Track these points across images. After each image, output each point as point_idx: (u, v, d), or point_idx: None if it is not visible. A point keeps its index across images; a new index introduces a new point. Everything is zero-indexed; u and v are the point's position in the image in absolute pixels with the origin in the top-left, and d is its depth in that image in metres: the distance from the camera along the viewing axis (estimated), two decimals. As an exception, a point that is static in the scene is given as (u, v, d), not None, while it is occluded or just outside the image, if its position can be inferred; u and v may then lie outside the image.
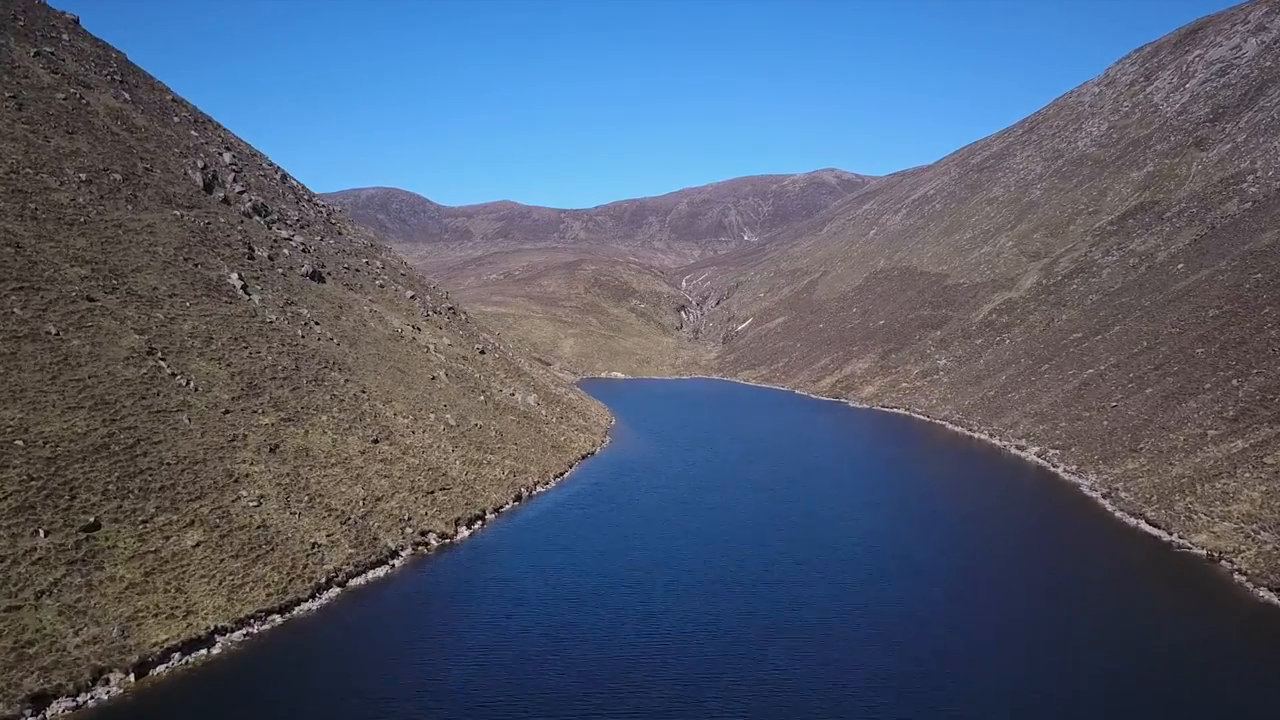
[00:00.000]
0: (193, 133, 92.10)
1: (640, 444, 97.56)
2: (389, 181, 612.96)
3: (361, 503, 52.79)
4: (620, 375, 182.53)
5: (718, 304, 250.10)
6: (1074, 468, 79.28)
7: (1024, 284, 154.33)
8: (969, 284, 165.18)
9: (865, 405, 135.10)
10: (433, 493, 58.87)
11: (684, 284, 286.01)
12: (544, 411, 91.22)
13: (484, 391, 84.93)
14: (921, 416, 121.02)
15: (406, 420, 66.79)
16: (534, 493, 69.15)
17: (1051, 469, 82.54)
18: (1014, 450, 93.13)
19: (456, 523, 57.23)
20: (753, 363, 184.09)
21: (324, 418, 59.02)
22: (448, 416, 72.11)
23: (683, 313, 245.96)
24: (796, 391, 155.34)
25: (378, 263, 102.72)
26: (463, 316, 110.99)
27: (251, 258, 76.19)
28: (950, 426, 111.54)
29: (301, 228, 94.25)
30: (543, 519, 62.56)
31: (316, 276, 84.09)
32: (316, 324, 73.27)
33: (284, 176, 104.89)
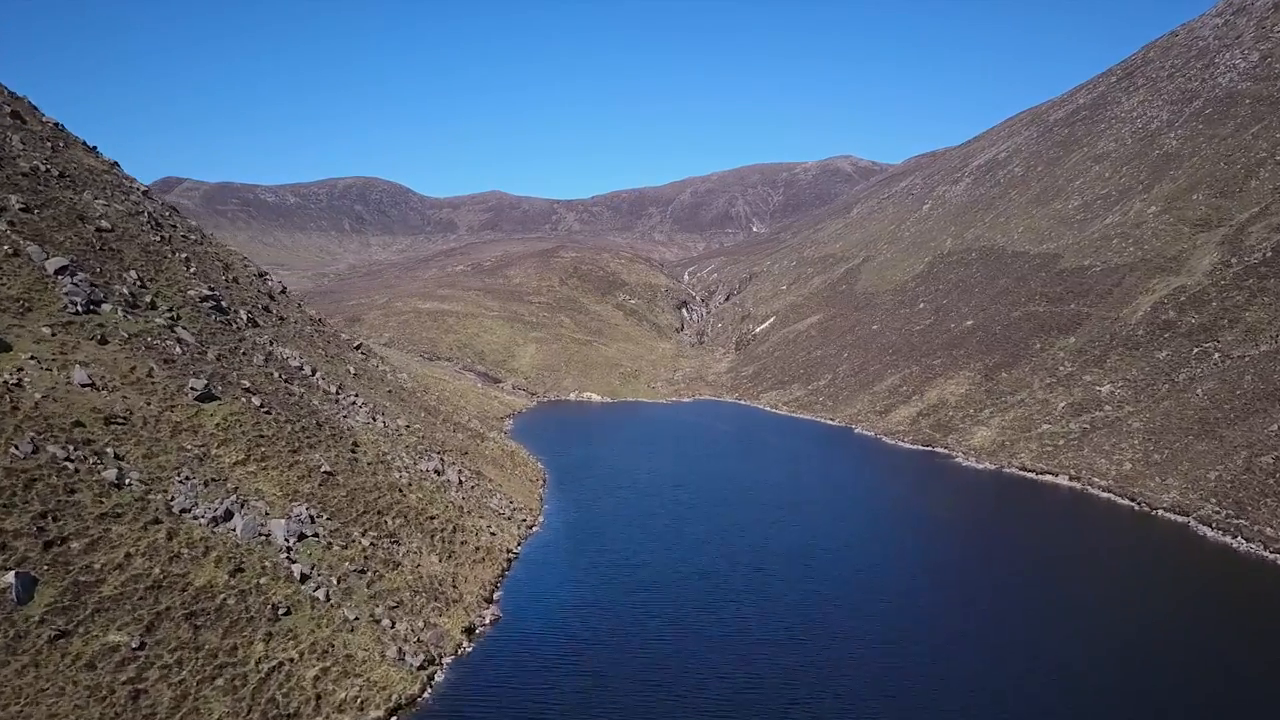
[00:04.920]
0: None
1: (566, 627, 39.70)
2: (373, 172, 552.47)
3: None
4: (596, 397, 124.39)
5: (727, 300, 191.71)
6: None
7: (1198, 264, 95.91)
8: (1101, 267, 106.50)
9: (987, 464, 76.49)
10: None
11: (686, 277, 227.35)
12: (302, 567, 32.90)
13: (58, 542, 26.66)
14: (1114, 497, 62.71)
15: None
16: None
17: None
18: None
19: None
20: (780, 379, 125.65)
21: None
22: None
23: (684, 310, 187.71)
24: (856, 429, 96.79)
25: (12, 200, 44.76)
26: (210, 317, 52.95)
27: None
28: (1212, 535, 53.14)
29: None
30: None
31: None
32: None
33: None
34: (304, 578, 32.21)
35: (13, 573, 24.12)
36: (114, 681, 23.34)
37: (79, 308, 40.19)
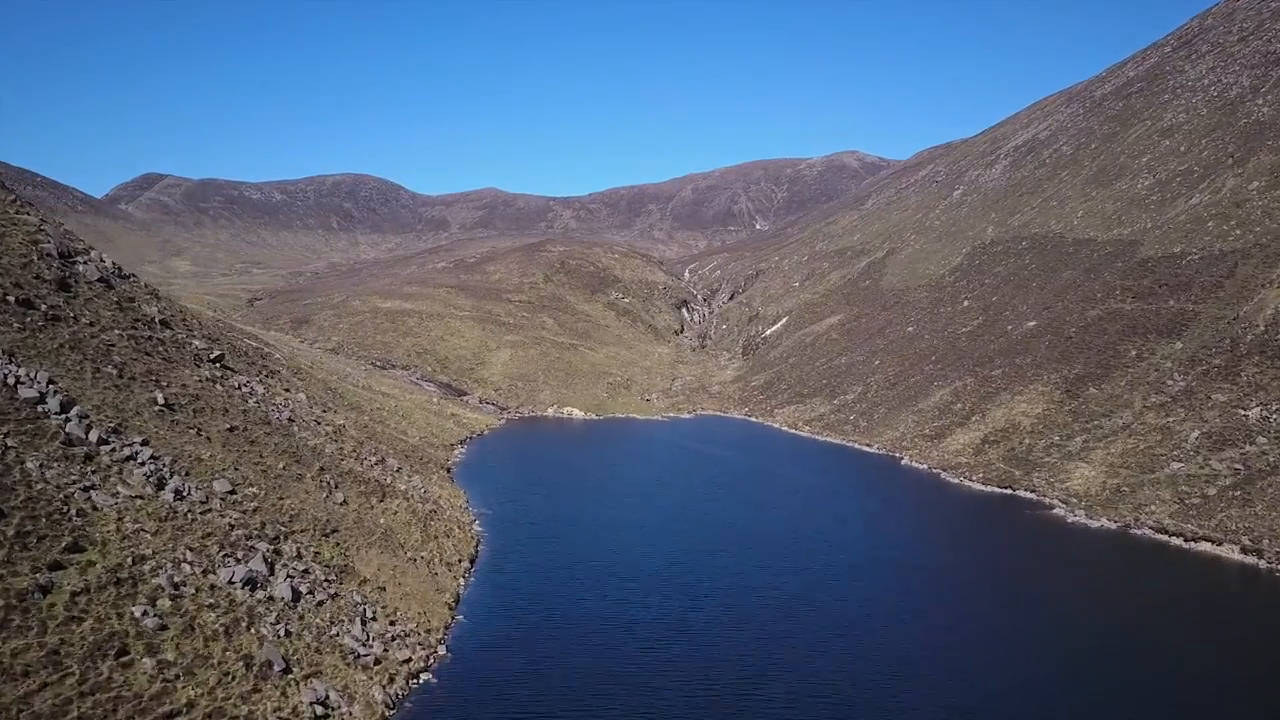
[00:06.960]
0: None
1: None
2: (363, 169, 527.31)
3: None
4: (578, 413, 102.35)
5: (732, 298, 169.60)
6: None
7: (1336, 249, 73.94)
8: (1199, 254, 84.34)
9: (1105, 522, 54.24)
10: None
11: (686, 274, 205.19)
12: None
13: None
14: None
15: None
16: None
17: None
18: None
19: None
20: (799, 391, 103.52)
21: None
22: None
23: (684, 310, 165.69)
24: (903, 460, 74.62)
25: None
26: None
27: None
28: None
29: None
30: None
31: None
32: None
33: None
34: None
35: None
36: None
37: None
